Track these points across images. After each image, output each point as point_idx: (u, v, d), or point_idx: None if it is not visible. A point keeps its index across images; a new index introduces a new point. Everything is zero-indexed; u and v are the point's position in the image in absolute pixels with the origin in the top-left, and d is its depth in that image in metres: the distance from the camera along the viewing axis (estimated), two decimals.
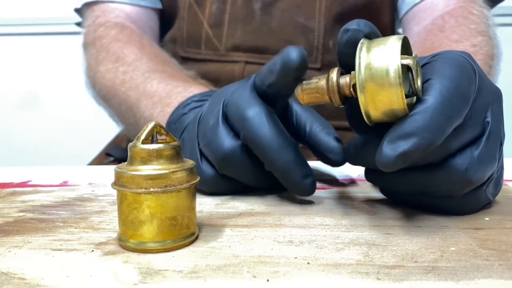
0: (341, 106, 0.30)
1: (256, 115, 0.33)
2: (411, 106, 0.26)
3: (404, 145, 0.25)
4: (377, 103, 0.26)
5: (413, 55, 0.27)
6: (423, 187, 0.30)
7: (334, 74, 0.29)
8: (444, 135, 0.25)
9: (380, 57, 0.26)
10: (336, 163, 0.37)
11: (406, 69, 0.26)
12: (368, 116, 0.27)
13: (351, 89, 0.28)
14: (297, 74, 0.32)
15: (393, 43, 0.26)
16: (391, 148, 0.25)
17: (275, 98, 0.35)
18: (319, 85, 0.29)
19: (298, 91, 0.31)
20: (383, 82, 0.25)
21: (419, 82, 0.26)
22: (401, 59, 0.25)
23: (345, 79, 0.28)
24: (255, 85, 0.35)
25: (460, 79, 0.26)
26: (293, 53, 0.31)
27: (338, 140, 0.37)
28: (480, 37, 0.57)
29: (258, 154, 0.33)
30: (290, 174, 0.33)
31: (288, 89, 0.33)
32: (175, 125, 0.45)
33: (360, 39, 0.27)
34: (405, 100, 0.25)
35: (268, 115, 0.33)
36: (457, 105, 0.26)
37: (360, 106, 0.26)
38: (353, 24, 0.28)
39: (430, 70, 0.27)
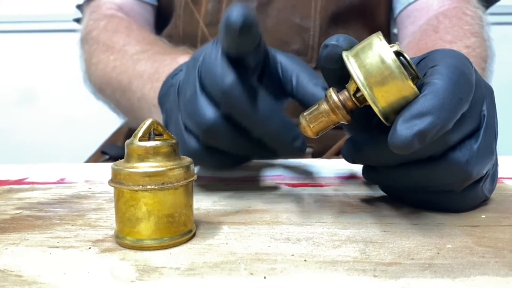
0: (350, 122, 0.29)
1: (233, 86, 0.31)
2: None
3: (420, 124, 0.24)
4: (386, 95, 0.25)
5: (396, 43, 0.27)
6: (423, 181, 0.30)
7: (332, 93, 0.28)
8: (456, 116, 0.25)
9: (369, 53, 0.26)
10: None
11: (396, 55, 0.26)
12: (384, 114, 0.26)
13: (354, 99, 0.28)
14: (246, 35, 0.29)
15: (374, 38, 0.26)
16: (407, 128, 0.24)
17: (245, 56, 0.32)
18: (321, 109, 0.29)
19: (303, 124, 0.30)
20: (383, 73, 0.25)
21: (414, 66, 0.26)
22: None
23: (344, 93, 0.28)
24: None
25: (462, 66, 0.27)
26: (233, 14, 0.28)
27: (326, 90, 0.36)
28: (474, 38, 0.57)
29: (244, 124, 0.32)
30: (279, 139, 0.33)
31: (248, 46, 0.31)
32: (165, 98, 0.42)
33: (339, 54, 0.28)
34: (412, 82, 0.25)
35: (246, 83, 0.31)
36: (465, 88, 0.26)
37: (373, 108, 0.26)
38: (333, 40, 0.28)
39: (432, 60, 0.28)
